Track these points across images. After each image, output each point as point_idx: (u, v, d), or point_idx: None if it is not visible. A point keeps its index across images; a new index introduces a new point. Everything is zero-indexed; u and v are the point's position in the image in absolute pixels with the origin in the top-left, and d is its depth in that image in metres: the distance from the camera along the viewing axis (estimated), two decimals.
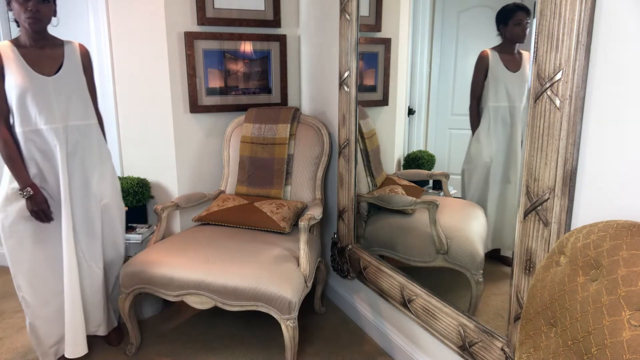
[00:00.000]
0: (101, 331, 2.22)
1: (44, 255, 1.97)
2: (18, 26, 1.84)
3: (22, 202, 1.87)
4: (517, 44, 1.67)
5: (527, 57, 1.64)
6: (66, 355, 2.06)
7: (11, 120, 1.86)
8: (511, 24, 1.66)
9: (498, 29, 1.71)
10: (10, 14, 1.80)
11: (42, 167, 1.90)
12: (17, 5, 1.74)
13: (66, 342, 2.04)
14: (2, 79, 1.80)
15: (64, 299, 2.00)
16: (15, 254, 1.93)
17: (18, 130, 1.83)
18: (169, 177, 2.73)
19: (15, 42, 1.84)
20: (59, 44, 1.94)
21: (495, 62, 1.72)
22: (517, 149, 1.66)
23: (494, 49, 1.72)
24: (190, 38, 2.57)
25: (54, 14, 1.87)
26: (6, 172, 1.87)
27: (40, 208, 1.87)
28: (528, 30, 1.60)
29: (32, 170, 1.88)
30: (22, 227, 1.90)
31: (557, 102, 1.18)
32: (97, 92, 2.13)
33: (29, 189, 1.84)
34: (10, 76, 1.79)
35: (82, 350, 2.07)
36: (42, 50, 1.87)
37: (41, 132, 1.85)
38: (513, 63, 1.68)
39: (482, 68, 1.75)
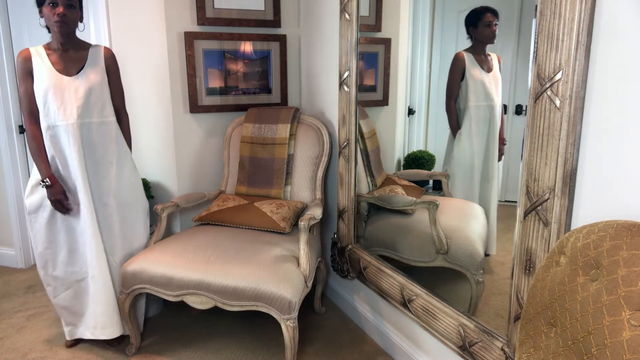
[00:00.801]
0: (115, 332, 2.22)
1: (63, 242, 2.12)
2: (49, 32, 2.02)
3: (44, 192, 2.04)
4: (487, 46, 1.70)
5: (495, 58, 1.67)
6: (101, 337, 2.17)
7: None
8: (481, 25, 1.69)
9: (468, 32, 1.73)
10: (41, 20, 1.99)
11: (59, 161, 2.03)
12: (47, 11, 1.92)
13: (98, 324, 2.16)
14: (32, 80, 1.99)
15: (91, 284, 2.13)
16: (37, 238, 2.12)
17: (42, 126, 2.00)
18: (169, 177, 2.73)
19: (46, 46, 2.03)
20: (85, 47, 2.08)
21: (471, 63, 1.74)
22: (495, 147, 1.68)
23: (467, 50, 1.75)
24: (190, 38, 2.57)
25: (81, 19, 2.03)
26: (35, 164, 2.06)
27: (57, 198, 2.01)
28: (497, 31, 1.63)
29: (53, 164, 2.04)
30: (43, 214, 2.08)
31: (557, 102, 1.18)
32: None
33: (47, 179, 1.99)
34: (37, 77, 1.98)
35: (118, 330, 2.18)
36: (67, 53, 2.03)
37: (58, 128, 1.99)
38: (486, 64, 1.71)
39: (459, 69, 1.77)
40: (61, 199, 2.02)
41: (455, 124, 1.81)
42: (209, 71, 2.67)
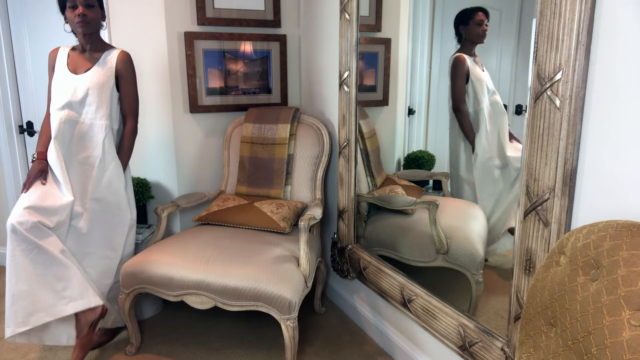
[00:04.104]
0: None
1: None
2: (76, 36, 2.10)
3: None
4: (476, 46, 1.70)
5: (479, 59, 1.68)
6: (76, 309, 1.95)
7: None
8: (472, 24, 1.69)
9: (457, 31, 1.73)
10: (66, 26, 2.07)
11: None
12: (69, 14, 2.00)
13: (72, 293, 1.96)
14: (53, 74, 2.12)
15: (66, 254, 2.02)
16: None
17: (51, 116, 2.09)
18: (169, 177, 2.73)
19: (72, 48, 2.14)
20: (102, 49, 2.13)
21: (471, 64, 1.73)
22: (507, 141, 1.68)
23: (459, 52, 1.75)
24: (190, 38, 2.57)
25: (103, 18, 2.10)
26: None
27: (30, 173, 2.03)
28: (487, 31, 1.63)
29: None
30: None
31: (557, 102, 1.18)
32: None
33: (35, 155, 2.08)
34: (55, 72, 2.11)
35: (97, 300, 2.01)
36: (84, 54, 2.11)
37: (52, 120, 2.05)
38: (478, 64, 1.71)
39: (463, 72, 1.76)
40: (31, 175, 2.01)
41: (471, 129, 1.79)
42: (209, 71, 2.67)
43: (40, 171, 2.02)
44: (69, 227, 2.04)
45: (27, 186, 2.00)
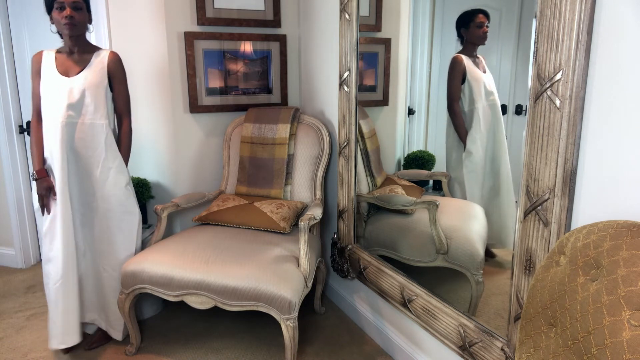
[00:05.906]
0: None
1: (48, 239, 2.10)
2: (61, 37, 2.09)
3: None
4: (478, 47, 1.72)
5: (482, 60, 1.70)
6: (52, 346, 2.08)
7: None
8: (472, 26, 1.70)
9: (459, 33, 1.75)
10: (52, 27, 2.05)
11: (49, 158, 2.07)
12: (56, 15, 1.98)
13: (50, 332, 2.07)
14: (39, 80, 2.08)
15: (60, 286, 2.07)
16: (40, 227, 2.14)
17: (43, 122, 2.08)
18: (169, 177, 2.73)
19: (57, 50, 2.11)
20: (91, 50, 2.11)
21: (469, 64, 1.74)
22: (504, 144, 1.68)
23: (460, 53, 1.76)
24: (190, 38, 2.57)
25: (89, 21, 2.09)
26: None
27: (40, 193, 2.05)
28: (487, 33, 1.65)
29: (49, 160, 2.08)
30: (38, 206, 2.11)
31: (557, 102, 1.18)
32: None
33: (35, 173, 2.05)
34: (42, 77, 2.06)
35: (65, 342, 2.10)
36: (73, 56, 2.08)
37: (49, 126, 2.04)
38: (479, 65, 1.72)
39: (459, 72, 1.78)
40: (43, 194, 2.04)
41: (463, 128, 1.80)
42: (209, 71, 2.67)
43: (47, 189, 2.04)
44: (82, 230, 2.11)
45: (46, 208, 2.06)
